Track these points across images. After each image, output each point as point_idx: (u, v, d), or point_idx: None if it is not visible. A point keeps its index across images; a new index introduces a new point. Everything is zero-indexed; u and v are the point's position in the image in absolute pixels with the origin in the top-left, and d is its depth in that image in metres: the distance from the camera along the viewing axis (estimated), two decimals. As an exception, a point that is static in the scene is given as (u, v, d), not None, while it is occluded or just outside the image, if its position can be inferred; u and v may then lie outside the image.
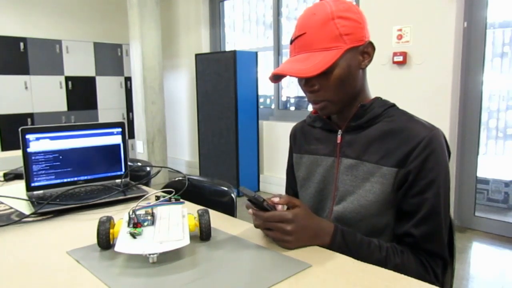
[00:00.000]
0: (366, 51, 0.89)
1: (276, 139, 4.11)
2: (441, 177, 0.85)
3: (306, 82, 0.90)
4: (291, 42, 0.91)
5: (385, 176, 0.87)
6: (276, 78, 0.93)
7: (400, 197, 0.87)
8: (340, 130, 0.96)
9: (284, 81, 4.27)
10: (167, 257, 0.78)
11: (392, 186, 0.87)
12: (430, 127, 0.87)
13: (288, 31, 4.14)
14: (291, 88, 4.35)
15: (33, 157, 1.21)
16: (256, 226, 0.87)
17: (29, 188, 1.22)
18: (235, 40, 4.79)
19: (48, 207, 1.09)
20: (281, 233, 0.81)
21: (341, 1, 0.88)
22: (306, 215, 0.84)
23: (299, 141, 1.09)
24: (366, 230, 0.89)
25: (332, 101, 0.90)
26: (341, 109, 0.93)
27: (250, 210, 0.85)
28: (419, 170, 0.84)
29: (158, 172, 1.63)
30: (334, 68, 0.86)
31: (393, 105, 0.94)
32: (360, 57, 0.89)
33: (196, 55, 4.23)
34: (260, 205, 0.83)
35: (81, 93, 4.76)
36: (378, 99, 0.95)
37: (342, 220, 0.92)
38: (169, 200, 0.95)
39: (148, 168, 1.76)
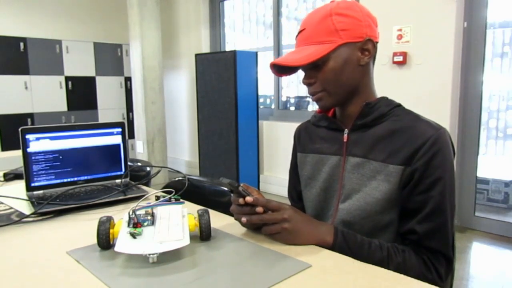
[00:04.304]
0: (366, 48, 0.91)
1: (276, 139, 4.11)
2: (447, 176, 0.85)
3: (304, 76, 0.95)
4: (296, 38, 0.96)
5: (391, 174, 0.87)
6: (280, 71, 0.98)
7: (406, 195, 0.88)
8: (346, 129, 0.97)
9: (284, 81, 4.27)
10: (167, 257, 0.78)
11: (398, 184, 0.87)
12: (437, 126, 0.88)
13: (288, 31, 4.14)
14: (291, 88, 4.35)
15: (33, 157, 1.21)
16: (248, 221, 0.87)
17: (29, 188, 1.22)
18: (235, 40, 4.79)
19: (48, 207, 1.09)
20: (279, 221, 0.82)
21: (345, 1, 0.92)
22: (300, 211, 0.87)
23: (304, 140, 1.10)
24: (369, 228, 0.90)
25: (328, 93, 0.93)
26: (338, 102, 0.96)
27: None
28: (425, 168, 0.85)
29: (158, 172, 1.63)
30: (327, 60, 0.89)
31: (399, 105, 0.95)
32: (358, 53, 0.91)
33: (196, 55, 4.23)
34: (236, 191, 0.85)
35: (81, 93, 4.76)
36: (384, 98, 0.96)
37: (347, 218, 0.93)
38: (169, 200, 0.95)
39: (148, 168, 1.76)
